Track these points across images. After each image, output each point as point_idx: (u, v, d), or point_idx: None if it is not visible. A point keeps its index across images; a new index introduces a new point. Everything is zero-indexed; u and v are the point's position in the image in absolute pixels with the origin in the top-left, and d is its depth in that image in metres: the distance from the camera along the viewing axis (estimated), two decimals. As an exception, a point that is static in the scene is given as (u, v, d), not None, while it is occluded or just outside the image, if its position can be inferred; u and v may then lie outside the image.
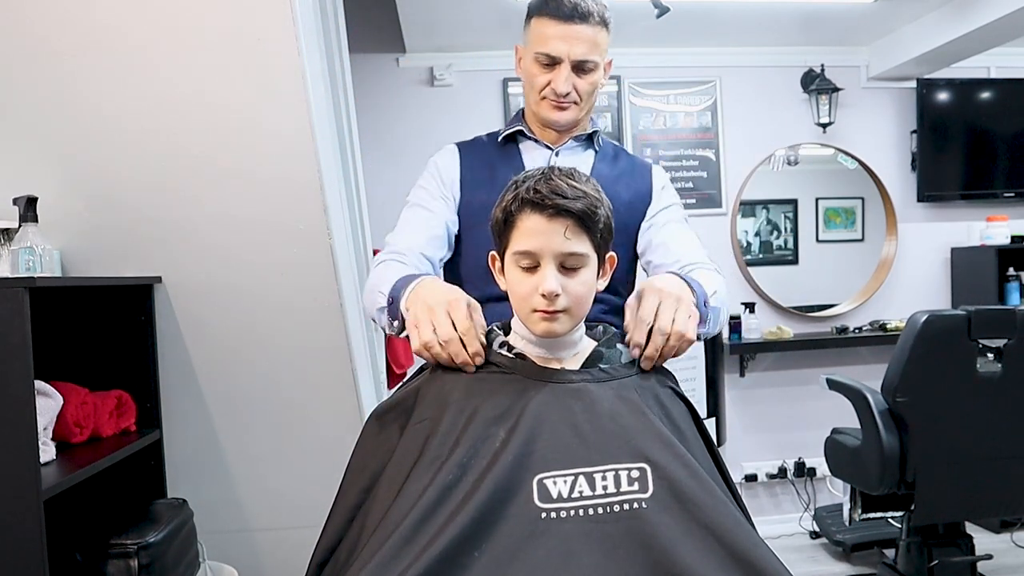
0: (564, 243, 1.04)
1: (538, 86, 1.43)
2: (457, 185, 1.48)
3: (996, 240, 3.62)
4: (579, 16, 1.37)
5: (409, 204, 1.49)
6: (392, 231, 1.46)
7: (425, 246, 1.41)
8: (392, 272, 1.31)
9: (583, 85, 1.42)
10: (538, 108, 1.46)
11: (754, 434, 3.76)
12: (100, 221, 1.92)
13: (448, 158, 1.51)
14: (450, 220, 1.46)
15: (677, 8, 2.86)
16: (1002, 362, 2.45)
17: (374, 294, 1.30)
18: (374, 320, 1.35)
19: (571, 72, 1.40)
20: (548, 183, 1.05)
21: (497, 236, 1.12)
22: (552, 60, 1.40)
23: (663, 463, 0.96)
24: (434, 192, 1.48)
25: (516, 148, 1.51)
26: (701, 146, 3.73)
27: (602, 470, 0.95)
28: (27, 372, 1.42)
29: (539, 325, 1.07)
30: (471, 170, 1.48)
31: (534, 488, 0.95)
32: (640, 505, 0.92)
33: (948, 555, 2.60)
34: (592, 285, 1.09)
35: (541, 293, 1.04)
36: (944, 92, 3.74)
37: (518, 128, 1.51)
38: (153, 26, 1.78)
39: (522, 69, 1.49)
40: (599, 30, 1.40)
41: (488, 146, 1.54)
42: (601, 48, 1.42)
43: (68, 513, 1.87)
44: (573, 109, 1.45)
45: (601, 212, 1.07)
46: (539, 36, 1.40)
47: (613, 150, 1.55)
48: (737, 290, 3.73)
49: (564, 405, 1.02)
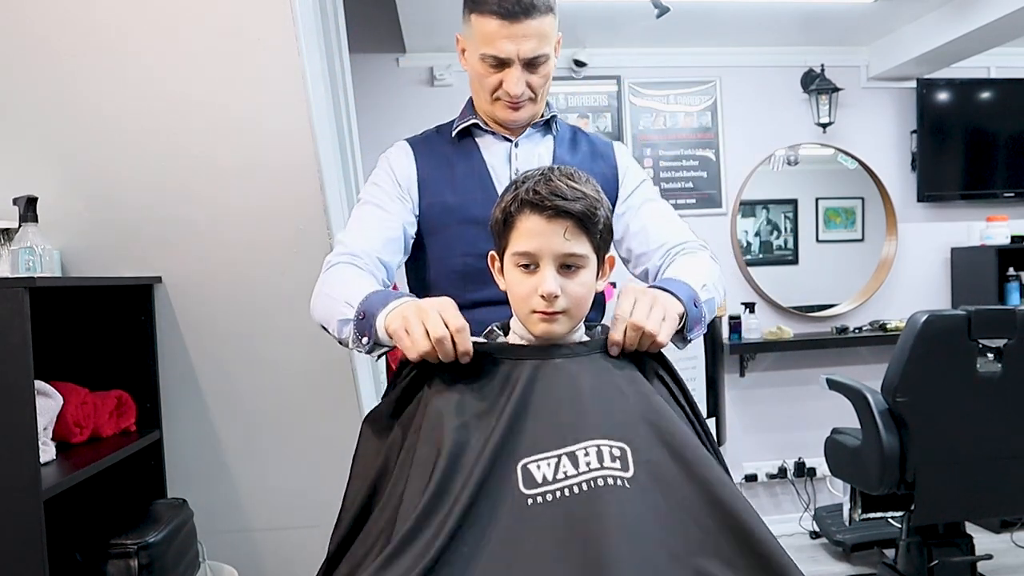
0: (564, 244, 1.05)
1: (489, 87, 1.35)
2: (415, 187, 1.40)
3: (996, 240, 3.62)
4: (523, 11, 1.27)
5: (362, 202, 1.40)
6: (344, 229, 1.38)
7: (381, 249, 1.33)
8: (355, 280, 1.22)
9: (536, 80, 1.35)
10: (491, 109, 1.38)
11: (754, 434, 3.76)
12: (100, 221, 1.92)
13: (402, 158, 1.43)
14: (407, 222, 1.38)
15: (677, 8, 2.86)
16: (1002, 362, 2.45)
17: (335, 303, 1.19)
18: (324, 327, 1.24)
19: (522, 71, 1.32)
20: (548, 184, 1.05)
21: (496, 236, 1.12)
22: (501, 61, 1.31)
23: (640, 441, 0.97)
24: (390, 191, 1.39)
25: (473, 142, 1.43)
26: (701, 146, 3.73)
27: (584, 446, 0.95)
28: (27, 372, 1.42)
29: (538, 326, 1.07)
30: (429, 169, 1.40)
31: (519, 475, 0.95)
32: (622, 483, 0.93)
33: (948, 555, 2.60)
34: (591, 286, 1.10)
35: (540, 294, 1.04)
36: (944, 92, 3.74)
37: (473, 122, 1.42)
38: (153, 26, 1.78)
39: (467, 63, 1.39)
40: (546, 18, 1.31)
41: (442, 142, 1.45)
42: (550, 37, 1.33)
43: (68, 513, 1.87)
44: (528, 106, 1.37)
45: (601, 213, 1.08)
46: (483, 35, 1.31)
47: (571, 132, 1.49)
48: (737, 290, 3.74)
49: (548, 384, 1.03)
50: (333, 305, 1.19)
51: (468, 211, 1.35)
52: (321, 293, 1.26)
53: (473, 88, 1.42)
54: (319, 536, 1.16)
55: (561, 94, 3.63)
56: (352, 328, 1.14)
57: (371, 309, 1.12)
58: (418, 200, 1.39)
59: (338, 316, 1.17)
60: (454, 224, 1.36)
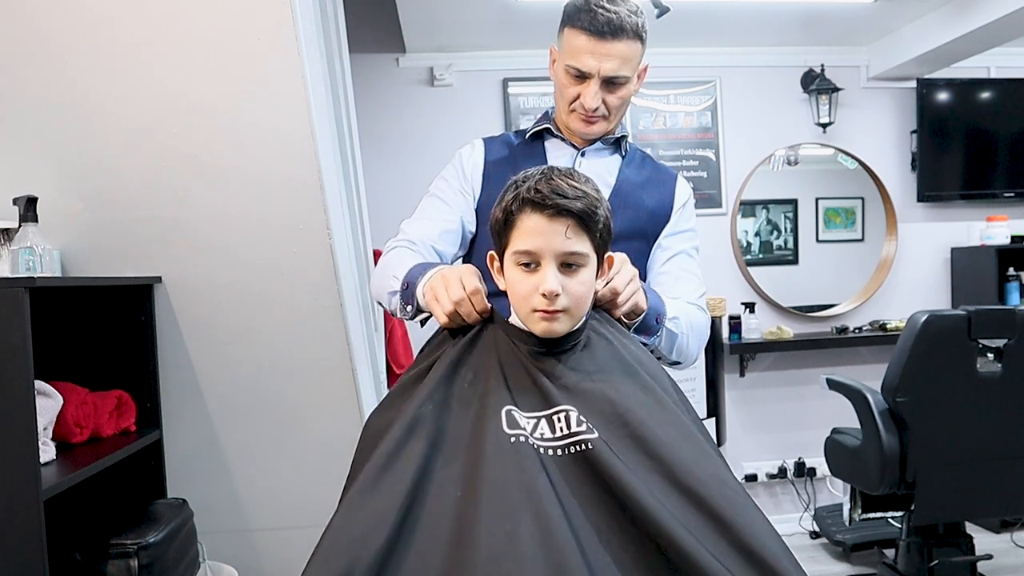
0: (564, 243, 1.05)
1: (568, 97, 1.41)
2: (479, 178, 1.47)
3: (996, 240, 3.62)
4: (612, 32, 1.34)
5: (429, 194, 1.49)
6: (408, 218, 1.46)
7: (437, 239, 1.41)
8: (407, 258, 1.32)
9: (613, 100, 1.41)
10: (568, 119, 1.44)
11: (754, 434, 3.76)
12: (100, 221, 1.92)
13: (473, 150, 1.51)
14: (467, 217, 1.45)
15: (677, 8, 2.86)
16: (1002, 362, 2.45)
17: (386, 278, 1.31)
18: (380, 303, 1.36)
19: (600, 87, 1.38)
20: (549, 183, 1.06)
21: (496, 235, 1.12)
22: (582, 74, 1.37)
23: (605, 423, 1.01)
24: (454, 185, 1.47)
25: (541, 146, 1.51)
26: (701, 146, 3.73)
27: (556, 411, 1.01)
28: (27, 372, 1.42)
29: (539, 325, 1.07)
30: (494, 164, 1.47)
31: (503, 417, 1.01)
32: (588, 446, 0.98)
33: (948, 555, 2.60)
34: (592, 285, 1.10)
35: (541, 293, 1.04)
36: (944, 92, 3.74)
37: (545, 126, 1.50)
38: (153, 27, 1.78)
39: (554, 73, 1.46)
40: (633, 44, 1.36)
41: (514, 142, 1.53)
42: (634, 62, 1.39)
43: (68, 513, 1.87)
44: (602, 123, 1.44)
45: (601, 212, 1.08)
46: (571, 48, 1.37)
47: (640, 156, 1.54)
48: (737, 290, 3.74)
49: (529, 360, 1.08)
50: (384, 280, 1.31)
51: None
52: (376, 272, 1.37)
53: (556, 96, 1.48)
54: (319, 536, 1.16)
55: (561, 94, 3.63)
56: (398, 298, 1.27)
57: (413, 280, 1.24)
58: (479, 193, 1.46)
59: (388, 289, 1.30)
60: None
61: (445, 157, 1.56)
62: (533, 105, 3.61)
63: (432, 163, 1.47)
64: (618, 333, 1.16)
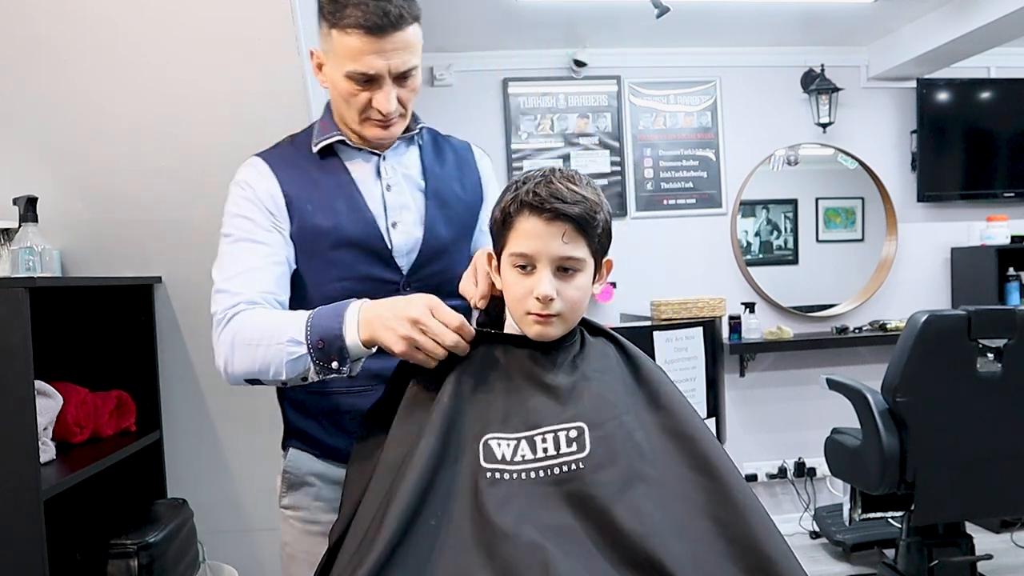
0: (561, 247, 1.04)
1: (358, 106, 1.22)
2: (284, 211, 1.25)
3: (996, 240, 3.62)
4: (391, 23, 1.16)
5: (232, 239, 1.24)
6: (222, 276, 1.22)
7: (277, 290, 1.22)
8: (277, 318, 1.15)
9: (406, 94, 1.24)
10: (361, 128, 1.26)
11: (754, 434, 3.76)
12: (100, 221, 1.92)
13: (264, 179, 1.27)
14: (290, 256, 1.26)
15: (677, 8, 2.86)
16: (1002, 362, 2.45)
17: (270, 348, 1.11)
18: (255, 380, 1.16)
19: (393, 86, 1.21)
20: (548, 186, 1.05)
21: (494, 236, 1.12)
22: (369, 79, 1.19)
23: (599, 422, 1.00)
24: (262, 222, 1.24)
25: (337, 159, 1.31)
26: (701, 146, 3.73)
27: (542, 432, 1.00)
28: (27, 372, 1.42)
29: (533, 328, 1.07)
30: (295, 189, 1.26)
31: (480, 450, 0.99)
32: (578, 466, 0.96)
33: (948, 555, 2.60)
34: (587, 290, 1.09)
35: (536, 296, 1.04)
36: (944, 92, 3.74)
37: (338, 138, 1.29)
38: (153, 27, 1.78)
39: (327, 78, 1.26)
40: (412, 27, 1.20)
41: (302, 158, 1.31)
42: (418, 47, 1.22)
43: (68, 513, 1.87)
44: (399, 123, 1.27)
45: (600, 217, 1.07)
46: (346, 51, 1.18)
47: (431, 138, 1.39)
48: (737, 290, 3.74)
49: (512, 371, 1.07)
50: (268, 352, 1.12)
51: (342, 233, 1.25)
52: (239, 346, 1.14)
53: (338, 107, 1.27)
54: (319, 536, 1.16)
55: (561, 94, 3.63)
56: (310, 361, 1.11)
57: (327, 333, 1.09)
58: (290, 226, 1.26)
59: (285, 359, 1.11)
60: (328, 249, 1.26)
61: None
62: (533, 105, 3.61)
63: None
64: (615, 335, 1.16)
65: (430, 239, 1.31)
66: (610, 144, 3.66)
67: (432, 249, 1.31)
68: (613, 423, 1.01)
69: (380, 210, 1.29)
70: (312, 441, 1.33)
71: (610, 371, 1.08)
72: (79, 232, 1.92)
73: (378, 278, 1.27)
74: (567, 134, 3.64)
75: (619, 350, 1.12)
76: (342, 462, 1.22)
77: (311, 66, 1.30)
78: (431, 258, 1.31)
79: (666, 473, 0.99)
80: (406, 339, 1.04)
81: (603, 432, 1.00)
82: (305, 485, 1.33)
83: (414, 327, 1.04)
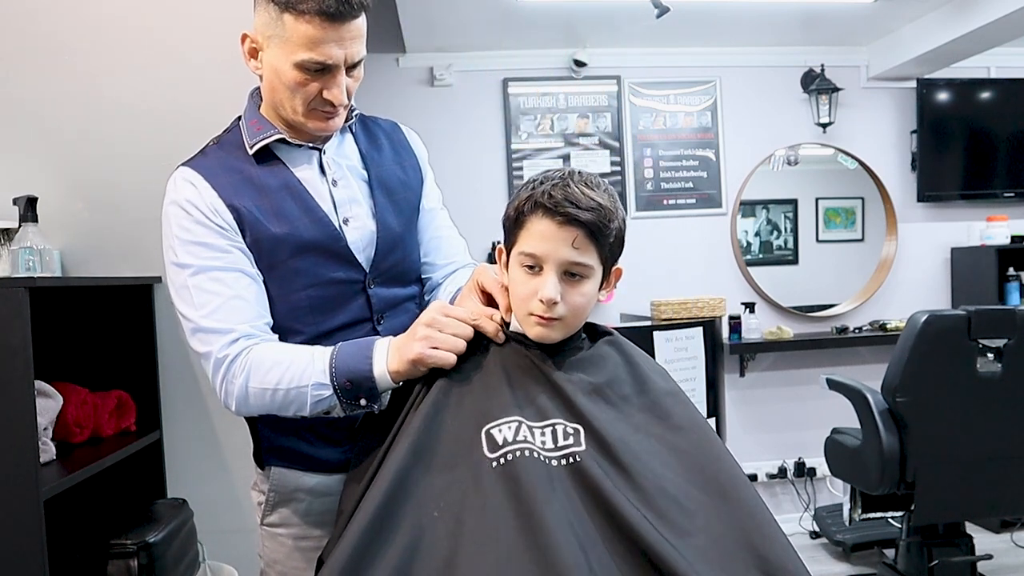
0: (570, 252, 1.04)
1: (307, 96, 1.15)
2: (234, 226, 1.17)
3: (996, 240, 3.62)
4: (349, 10, 1.10)
5: (193, 270, 1.14)
6: (198, 313, 1.13)
7: (263, 314, 1.17)
8: (290, 359, 1.11)
9: (353, 84, 1.19)
10: (305, 119, 1.18)
11: (754, 434, 3.76)
12: (100, 221, 1.92)
13: (204, 194, 1.17)
14: (255, 270, 1.19)
15: (677, 8, 2.86)
16: (1002, 362, 2.45)
17: (292, 392, 1.10)
18: (269, 415, 1.15)
19: (344, 76, 1.16)
20: (565, 189, 1.03)
21: (506, 232, 1.11)
22: (324, 67, 1.13)
23: (596, 423, 1.01)
24: (219, 243, 1.15)
25: (275, 159, 1.22)
26: (701, 146, 3.73)
27: (541, 426, 1.01)
28: (27, 372, 1.42)
29: (534, 329, 1.07)
30: (238, 199, 1.17)
31: (483, 440, 0.99)
32: (577, 459, 0.97)
33: (948, 555, 2.60)
34: (592, 297, 1.09)
35: (540, 299, 1.04)
36: (944, 92, 3.74)
37: (276, 137, 1.21)
38: (153, 27, 1.78)
39: (268, 67, 1.17)
40: (364, 15, 1.15)
41: (238, 162, 1.21)
42: (365, 35, 1.17)
43: (68, 513, 1.87)
44: (342, 113, 1.21)
45: (613, 226, 1.06)
46: (303, 38, 1.10)
47: (362, 125, 1.34)
48: (737, 290, 3.74)
49: (513, 366, 1.08)
50: (289, 395, 1.10)
51: (299, 239, 1.19)
52: (255, 393, 1.12)
53: (277, 97, 1.18)
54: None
55: (561, 94, 3.63)
56: (336, 400, 1.10)
57: (355, 374, 1.08)
58: (244, 240, 1.18)
59: (309, 402, 1.10)
60: (287, 257, 1.19)
61: (445, 157, 1.54)
62: (533, 105, 3.61)
63: (432, 163, 1.44)
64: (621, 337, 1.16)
65: (382, 230, 1.25)
66: (610, 144, 3.67)
67: (387, 240, 1.26)
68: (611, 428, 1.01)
69: (330, 208, 1.22)
70: (297, 456, 1.26)
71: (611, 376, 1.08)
72: (79, 232, 1.92)
73: (343, 280, 1.22)
74: (567, 134, 3.64)
75: (621, 354, 1.12)
76: (332, 472, 1.22)
77: (242, 51, 1.19)
78: (388, 249, 1.26)
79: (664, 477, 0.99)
80: (424, 339, 1.06)
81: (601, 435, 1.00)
82: (293, 501, 1.27)
83: (429, 328, 1.07)
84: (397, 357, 1.08)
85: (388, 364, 1.08)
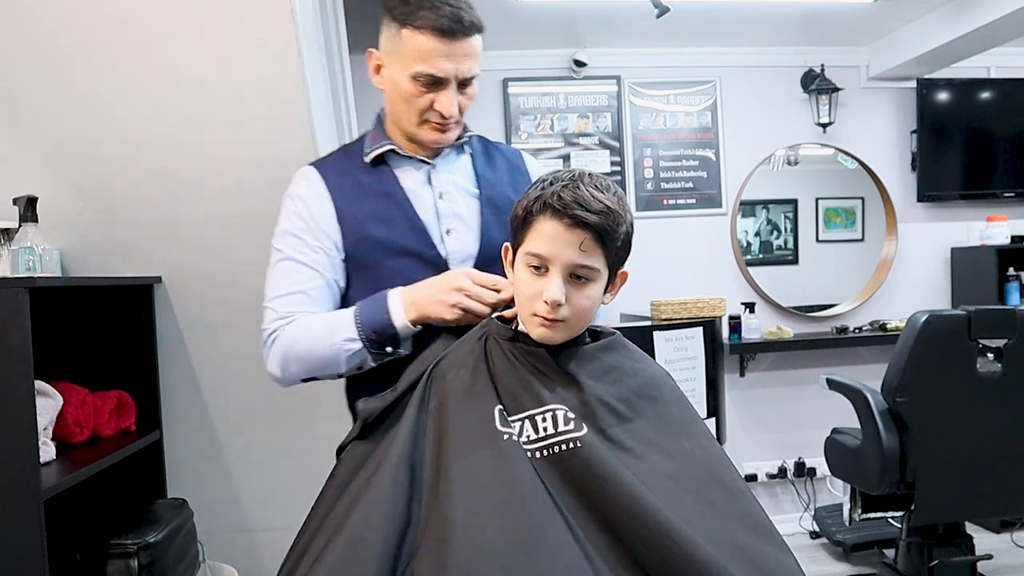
0: (577, 255, 1.03)
1: (419, 107, 1.26)
2: (335, 227, 1.30)
3: (996, 240, 3.62)
4: (463, 29, 1.22)
5: (283, 255, 1.30)
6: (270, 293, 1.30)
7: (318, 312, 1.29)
8: (325, 321, 1.24)
9: (465, 101, 1.29)
10: (418, 131, 1.30)
11: (754, 434, 3.76)
12: (100, 221, 1.92)
13: (315, 193, 1.31)
14: (337, 277, 1.31)
15: (677, 8, 2.86)
16: (1002, 362, 2.45)
17: (327, 349, 1.23)
18: (312, 378, 1.28)
19: (456, 91, 1.26)
20: (575, 191, 1.03)
21: (513, 231, 1.11)
22: (436, 81, 1.24)
23: (597, 427, 1.02)
24: (309, 242, 1.29)
25: (388, 168, 1.34)
26: (701, 146, 3.73)
27: (541, 411, 1.02)
28: (27, 372, 1.42)
29: (537, 329, 1.07)
30: (347, 202, 1.30)
31: (495, 414, 1.03)
32: (576, 444, 0.98)
33: (948, 555, 2.60)
34: (597, 300, 1.09)
35: (544, 300, 1.04)
36: (944, 92, 3.74)
37: (389, 147, 1.33)
38: (154, 27, 1.78)
39: (388, 81, 1.30)
40: (478, 38, 1.26)
41: (354, 168, 1.34)
42: (480, 56, 1.27)
43: (68, 513, 1.87)
44: (455, 128, 1.31)
45: (622, 229, 1.06)
46: (417, 52, 1.22)
47: (482, 145, 1.43)
48: (737, 290, 3.73)
49: (517, 361, 1.09)
50: (325, 353, 1.23)
51: (398, 244, 1.29)
52: (293, 358, 1.26)
53: (396, 109, 1.31)
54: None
55: (561, 94, 3.63)
56: (367, 352, 1.23)
57: (378, 324, 1.21)
58: (341, 242, 1.30)
59: (343, 356, 1.23)
60: (385, 259, 1.29)
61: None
62: (533, 105, 3.61)
63: (432, 163, 1.44)
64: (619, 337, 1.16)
65: (486, 245, 1.32)
66: (610, 144, 3.67)
67: (489, 255, 1.30)
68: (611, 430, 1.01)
69: (432, 218, 1.31)
70: None
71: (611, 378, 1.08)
72: (79, 232, 1.92)
73: None
74: (567, 134, 3.64)
75: (622, 356, 1.12)
76: None
77: (368, 67, 1.33)
78: (488, 264, 1.29)
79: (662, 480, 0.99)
80: (455, 306, 1.17)
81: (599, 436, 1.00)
82: None
83: (459, 293, 1.17)
84: (415, 310, 1.20)
85: (407, 315, 1.20)
